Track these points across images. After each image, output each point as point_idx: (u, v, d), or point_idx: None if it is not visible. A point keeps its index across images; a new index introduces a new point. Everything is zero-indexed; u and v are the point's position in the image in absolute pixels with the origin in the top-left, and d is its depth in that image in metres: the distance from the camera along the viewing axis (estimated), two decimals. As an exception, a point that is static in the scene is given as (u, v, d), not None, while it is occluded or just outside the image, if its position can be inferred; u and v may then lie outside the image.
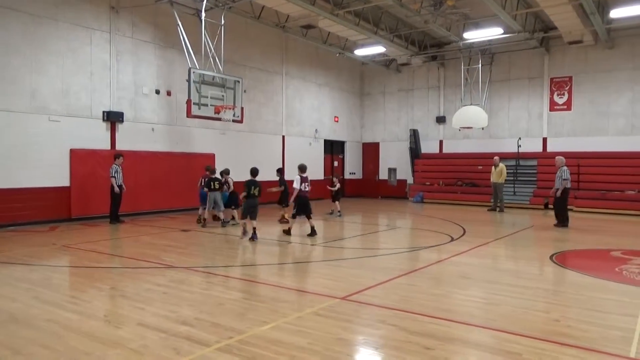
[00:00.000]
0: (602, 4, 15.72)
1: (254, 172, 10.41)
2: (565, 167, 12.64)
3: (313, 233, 10.69)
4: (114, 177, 12.52)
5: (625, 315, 5.11)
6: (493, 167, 17.25)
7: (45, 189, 12.46)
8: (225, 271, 7.49)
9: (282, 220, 12.84)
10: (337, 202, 14.96)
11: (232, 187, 12.87)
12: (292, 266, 8.08)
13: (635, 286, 6.36)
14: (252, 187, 10.08)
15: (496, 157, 17.55)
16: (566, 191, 12.69)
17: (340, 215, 14.76)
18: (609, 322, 4.90)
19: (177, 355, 3.95)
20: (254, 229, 10.06)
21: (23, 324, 4.76)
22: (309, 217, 10.77)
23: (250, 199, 10.08)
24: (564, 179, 12.52)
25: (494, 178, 17.16)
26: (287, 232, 10.92)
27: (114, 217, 12.74)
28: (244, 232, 10.38)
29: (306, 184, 10.67)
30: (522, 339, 4.35)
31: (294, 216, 10.87)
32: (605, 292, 6.10)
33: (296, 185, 10.64)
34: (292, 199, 10.95)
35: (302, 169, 10.86)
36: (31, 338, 4.38)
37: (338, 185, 15.14)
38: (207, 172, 12.84)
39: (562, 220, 12.81)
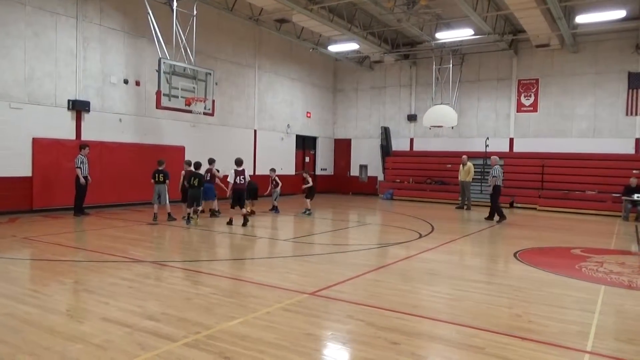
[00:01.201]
0: (569, 10, 16.19)
1: (197, 165, 11.82)
2: (497, 166, 13.79)
3: (245, 223, 11.26)
4: (79, 167, 12.16)
5: (583, 310, 5.31)
6: (461, 166, 17.59)
7: (5, 179, 12.00)
8: (193, 265, 7.39)
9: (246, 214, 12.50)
10: (308, 200, 14.29)
11: (219, 178, 12.69)
12: (261, 261, 8.05)
13: (594, 283, 6.60)
14: (192, 178, 11.38)
15: (464, 156, 17.90)
16: (497, 188, 13.60)
17: (309, 214, 14.03)
18: (568, 317, 5.08)
19: (142, 351, 3.88)
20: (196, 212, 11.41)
21: (-21, 319, 4.58)
22: (241, 207, 11.40)
23: (191, 189, 11.40)
24: (494, 176, 13.56)
25: (462, 176, 17.50)
26: (229, 222, 11.50)
27: (78, 209, 12.39)
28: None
29: (241, 177, 11.27)
30: (485, 334, 4.47)
31: (231, 207, 11.51)
32: (565, 289, 6.31)
33: (230, 179, 11.33)
34: (228, 193, 11.66)
35: (237, 162, 11.51)
36: (-12, 333, 4.22)
37: (310, 183, 14.46)
38: (189, 167, 12.25)
39: (491, 215, 13.89)
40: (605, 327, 4.82)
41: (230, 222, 11.45)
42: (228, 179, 11.45)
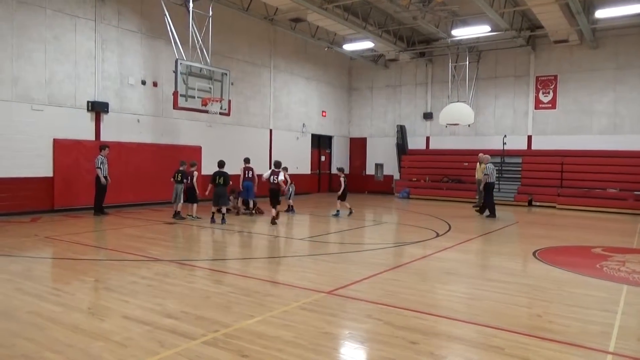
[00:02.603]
0: (588, 4, 15.91)
1: (221, 164, 12.04)
2: (490, 164, 14.35)
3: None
4: (100, 168, 12.36)
5: (605, 310, 5.22)
6: (478, 164, 17.38)
7: (27, 179, 12.25)
8: (211, 264, 7.46)
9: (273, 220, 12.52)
10: (341, 201, 13.82)
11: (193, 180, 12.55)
12: (278, 260, 8.08)
13: (615, 282, 6.48)
14: (218, 177, 11.65)
15: (481, 154, 17.65)
16: (488, 185, 14.09)
17: (337, 215, 13.66)
18: (589, 317, 4.99)
19: (162, 348, 3.93)
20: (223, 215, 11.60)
21: (4, 316, 4.69)
22: (274, 207, 11.72)
23: (216, 188, 11.64)
24: (485, 174, 14.07)
25: (478, 175, 17.30)
26: (273, 221, 11.62)
27: (99, 209, 12.59)
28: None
29: (275, 177, 11.77)
30: (505, 334, 4.42)
31: (272, 206, 11.85)
32: (586, 288, 6.21)
33: (265, 177, 12.04)
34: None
35: (275, 164, 12.15)
36: (13, 330, 4.32)
37: (343, 185, 13.85)
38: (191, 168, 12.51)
39: (482, 210, 14.51)
40: (628, 327, 4.73)
41: (274, 220, 11.51)
42: (263, 177, 12.17)
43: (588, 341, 4.29)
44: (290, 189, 14.62)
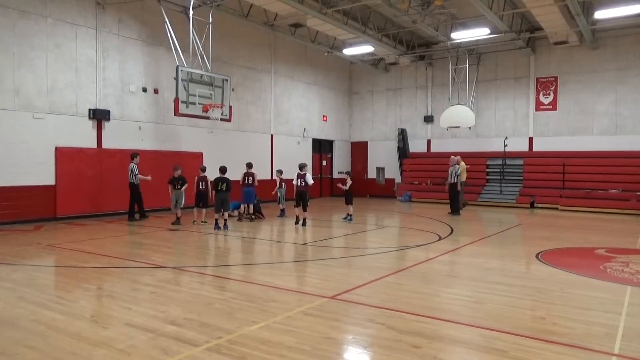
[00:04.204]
0: (587, 5, 15.93)
1: (223, 169, 12.04)
2: (456, 166, 15.12)
3: (304, 223, 12.21)
4: (136, 174, 12.75)
5: (609, 312, 5.19)
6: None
7: (30, 188, 12.29)
8: (213, 271, 7.46)
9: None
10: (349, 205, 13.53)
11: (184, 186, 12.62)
12: (281, 265, 8.07)
13: (619, 283, 6.46)
14: (220, 183, 11.73)
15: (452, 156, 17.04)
16: (452, 185, 15.19)
17: (350, 220, 13.38)
18: (593, 319, 4.97)
19: (165, 355, 3.92)
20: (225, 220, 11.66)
21: (7, 325, 4.69)
22: (304, 209, 12.30)
23: (218, 194, 11.68)
24: (457, 175, 15.02)
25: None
26: (296, 222, 12.43)
27: (142, 214, 13.13)
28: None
29: (302, 180, 12.33)
30: (508, 337, 4.40)
31: (296, 206, 12.51)
32: (590, 290, 6.19)
33: (294, 182, 12.56)
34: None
35: (300, 167, 12.55)
36: (16, 338, 4.32)
37: (346, 187, 13.48)
38: (202, 173, 12.61)
39: (454, 210, 15.23)
40: (633, 328, 4.70)
41: (297, 222, 12.32)
42: (293, 182, 12.61)
43: (592, 343, 4.28)
44: (279, 194, 14.68)
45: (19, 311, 5.12)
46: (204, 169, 12.73)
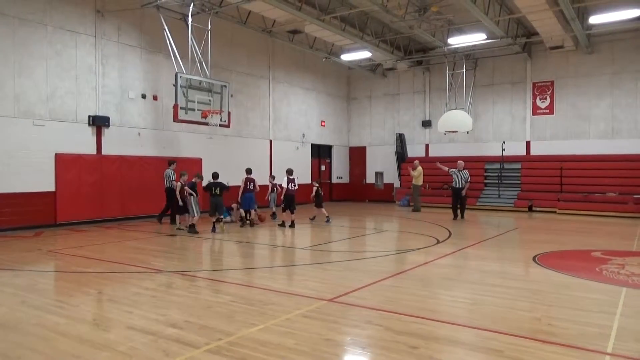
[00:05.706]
0: (582, 11, 16.09)
1: (215, 175, 12.41)
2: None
3: (292, 224, 12.87)
4: (173, 181, 12.94)
5: (604, 312, 5.27)
6: (413, 170, 18.37)
7: (30, 194, 12.34)
8: (213, 275, 7.52)
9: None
10: (317, 208, 14.45)
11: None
12: (280, 269, 8.14)
13: (615, 285, 6.54)
14: (214, 187, 12.08)
15: (416, 161, 18.65)
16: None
17: (328, 221, 14.11)
18: (588, 319, 5.05)
19: (166, 357, 3.99)
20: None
21: (10, 328, 4.76)
22: (292, 212, 12.93)
23: (212, 197, 12.10)
24: (465, 180, 15.66)
25: (416, 180, 18.23)
26: (281, 224, 13.15)
27: (172, 219, 13.25)
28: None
29: (292, 184, 13.07)
30: (504, 337, 4.47)
31: (283, 210, 13.20)
32: (585, 291, 6.26)
33: (284, 185, 13.14)
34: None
35: (288, 172, 13.19)
36: (19, 342, 4.38)
37: (313, 192, 14.44)
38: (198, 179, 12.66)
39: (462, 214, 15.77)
40: (627, 328, 4.78)
41: (283, 225, 12.93)
42: (282, 185, 13.26)
43: (586, 343, 4.35)
44: (270, 198, 14.79)
45: (21, 315, 5.18)
46: (200, 177, 12.77)
